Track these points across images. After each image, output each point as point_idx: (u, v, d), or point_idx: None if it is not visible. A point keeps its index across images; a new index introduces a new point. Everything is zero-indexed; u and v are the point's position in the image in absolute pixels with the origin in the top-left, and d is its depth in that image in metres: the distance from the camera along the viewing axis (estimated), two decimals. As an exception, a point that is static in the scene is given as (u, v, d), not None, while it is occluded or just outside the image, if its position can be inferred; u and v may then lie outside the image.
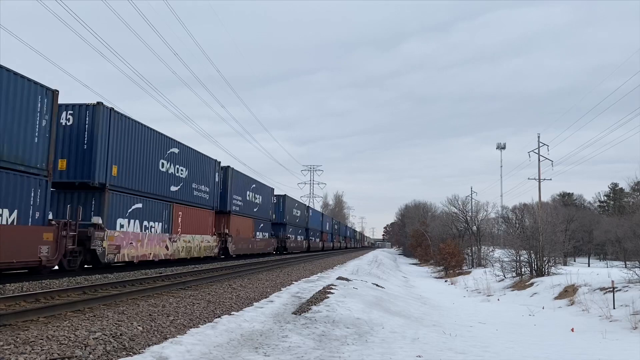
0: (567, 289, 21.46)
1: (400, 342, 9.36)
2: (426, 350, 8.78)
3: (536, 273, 28.86)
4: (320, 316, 10.65)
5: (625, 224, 36.01)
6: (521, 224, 38.88)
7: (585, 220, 70.29)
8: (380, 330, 10.31)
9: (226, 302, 11.54)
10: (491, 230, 60.74)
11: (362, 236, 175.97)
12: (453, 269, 43.38)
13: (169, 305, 10.16)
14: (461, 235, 53.12)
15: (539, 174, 42.93)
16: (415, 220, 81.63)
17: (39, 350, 5.93)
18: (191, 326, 8.57)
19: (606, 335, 13.22)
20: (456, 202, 57.85)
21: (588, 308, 17.67)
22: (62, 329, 7.12)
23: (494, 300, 23.85)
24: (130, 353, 6.44)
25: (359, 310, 11.96)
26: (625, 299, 17.18)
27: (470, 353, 9.37)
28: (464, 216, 55.66)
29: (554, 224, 31.67)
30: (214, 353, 6.95)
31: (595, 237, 67.98)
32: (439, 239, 53.96)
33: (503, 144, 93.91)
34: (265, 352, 7.28)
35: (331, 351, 7.83)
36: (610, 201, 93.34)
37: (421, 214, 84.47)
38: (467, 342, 10.84)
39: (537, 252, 29.62)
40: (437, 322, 14.37)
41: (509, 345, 11.23)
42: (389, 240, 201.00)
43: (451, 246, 44.36)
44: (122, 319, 8.27)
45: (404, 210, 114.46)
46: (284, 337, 8.42)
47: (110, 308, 9.45)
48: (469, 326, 14.28)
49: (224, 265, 23.27)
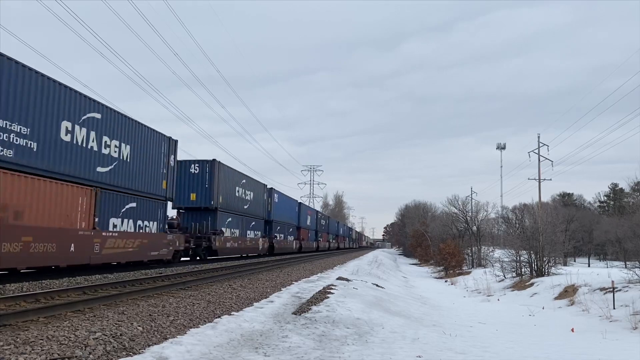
0: (567, 289, 21.47)
1: (400, 342, 9.36)
2: (426, 351, 8.78)
3: (536, 273, 28.86)
4: (320, 316, 10.64)
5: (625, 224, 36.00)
6: (521, 224, 38.89)
7: (585, 221, 70.29)
8: (380, 330, 10.30)
9: (226, 302, 11.54)
10: (491, 230, 60.74)
11: (360, 235, 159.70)
12: (453, 269, 43.39)
13: (169, 306, 10.16)
14: (461, 236, 53.13)
15: (539, 174, 42.99)
16: (415, 221, 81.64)
17: (39, 351, 5.93)
18: (191, 326, 8.57)
19: (606, 336, 13.22)
20: (456, 202, 57.93)
21: (588, 308, 17.67)
22: (62, 329, 7.12)
23: (494, 300, 23.85)
24: (130, 353, 6.44)
25: (359, 311, 11.96)
26: (625, 299, 17.19)
27: (470, 353, 9.37)
28: (464, 216, 55.68)
29: (554, 224, 31.67)
30: (214, 353, 6.95)
31: (595, 237, 67.99)
32: (439, 239, 53.98)
33: (503, 144, 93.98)
34: (265, 352, 7.28)
35: (331, 351, 7.83)
36: (610, 201, 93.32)
37: (421, 214, 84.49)
38: (467, 342, 10.84)
39: (537, 252, 29.63)
40: (437, 322, 14.37)
41: (509, 346, 11.23)
42: (389, 241, 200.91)
43: (451, 246, 44.37)
44: (122, 319, 8.27)
45: (404, 210, 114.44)
46: (284, 337, 8.42)
47: (110, 308, 9.45)
48: (469, 326, 14.28)
49: (224, 265, 23.27)
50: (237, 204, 30.83)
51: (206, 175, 26.64)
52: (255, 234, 34.98)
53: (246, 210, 32.67)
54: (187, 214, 27.14)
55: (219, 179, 27.44)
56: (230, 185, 29.48)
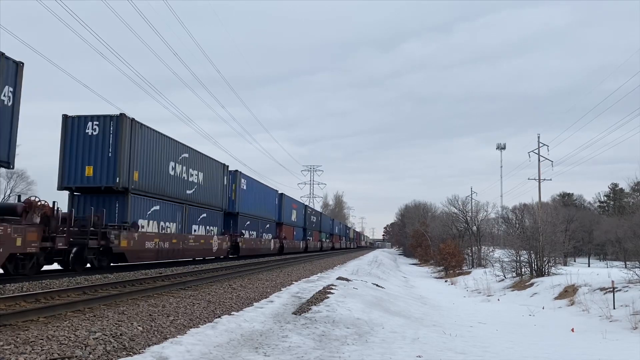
0: (567, 289, 21.46)
1: (400, 342, 9.36)
2: (426, 351, 8.78)
3: (536, 273, 28.86)
4: (320, 316, 10.64)
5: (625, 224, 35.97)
6: (521, 224, 38.84)
7: (585, 221, 70.31)
8: (380, 330, 10.30)
9: (226, 302, 11.54)
10: (491, 230, 60.77)
11: (359, 235, 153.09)
12: (453, 269, 43.38)
13: (169, 306, 10.16)
14: (461, 236, 53.12)
15: (539, 174, 43.01)
16: (415, 221, 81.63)
17: (39, 350, 5.92)
18: (191, 326, 8.57)
19: (606, 336, 13.21)
20: (456, 202, 57.93)
21: (588, 308, 17.67)
22: (62, 329, 7.12)
23: (494, 300, 23.85)
24: (130, 353, 6.44)
25: (359, 310, 11.96)
26: (626, 299, 17.18)
27: (470, 353, 9.37)
28: (464, 216, 55.69)
29: (554, 224, 31.66)
30: (214, 353, 6.95)
31: (595, 238, 67.98)
32: (439, 239, 53.98)
33: (503, 144, 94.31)
34: (265, 352, 7.28)
35: (331, 351, 7.83)
36: (610, 201, 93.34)
37: (421, 214, 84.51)
38: (467, 342, 10.84)
39: (537, 252, 29.62)
40: (437, 322, 14.37)
41: (509, 346, 11.23)
42: (389, 241, 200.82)
43: (451, 246, 44.37)
44: (122, 319, 8.27)
45: (404, 210, 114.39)
46: (284, 337, 8.42)
47: (110, 308, 9.45)
48: (469, 326, 14.28)
49: (224, 265, 23.27)
50: (172, 186, 22.03)
51: (110, 139, 18.07)
52: (208, 230, 26.26)
53: (190, 197, 23.81)
54: (84, 198, 18.75)
55: (132, 145, 18.69)
56: (157, 158, 20.65)
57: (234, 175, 30.73)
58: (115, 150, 18.10)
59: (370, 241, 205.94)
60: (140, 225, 19.31)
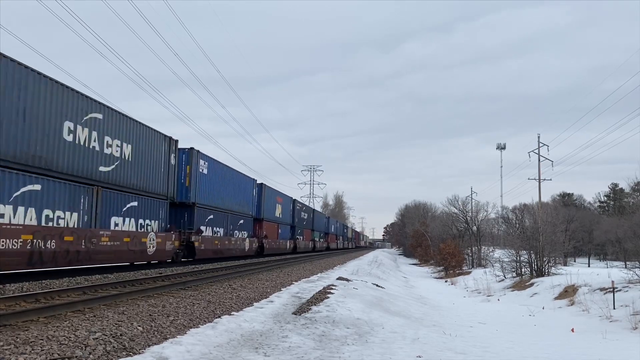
0: (567, 289, 21.46)
1: (400, 342, 9.36)
2: (426, 351, 8.78)
3: (536, 273, 28.85)
4: (321, 316, 10.64)
5: (625, 224, 35.96)
6: (521, 224, 38.84)
7: (585, 221, 70.29)
8: (380, 330, 10.30)
9: (226, 302, 11.54)
10: (491, 230, 60.78)
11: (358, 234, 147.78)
12: (453, 269, 43.37)
13: (169, 306, 10.16)
14: (461, 236, 53.12)
15: (539, 174, 43.04)
16: (415, 221, 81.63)
17: (39, 351, 5.92)
18: (191, 326, 8.57)
19: (606, 336, 13.21)
20: (456, 203, 57.93)
21: (588, 308, 17.67)
22: (62, 329, 7.12)
23: (494, 300, 23.84)
24: (130, 353, 6.44)
25: (359, 311, 11.96)
26: (626, 299, 17.18)
27: (470, 353, 9.37)
28: (464, 216, 55.69)
29: (554, 224, 31.66)
30: (214, 353, 6.94)
31: (596, 238, 67.97)
32: (439, 239, 53.97)
33: (503, 144, 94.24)
34: (265, 352, 7.27)
35: (331, 351, 7.83)
36: (610, 201, 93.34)
37: (421, 214, 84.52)
38: (467, 343, 10.84)
39: (537, 252, 29.61)
40: (437, 322, 14.36)
41: (509, 346, 11.23)
42: (389, 241, 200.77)
43: (451, 246, 44.36)
44: (122, 319, 8.27)
45: (404, 210, 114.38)
46: (284, 337, 8.42)
47: (110, 308, 9.45)
48: (469, 326, 14.28)
49: (224, 265, 23.26)
50: (71, 158, 14.88)
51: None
52: (144, 225, 19.31)
53: (107, 177, 16.78)
54: None
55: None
56: (44, 115, 13.66)
57: (188, 154, 23.24)
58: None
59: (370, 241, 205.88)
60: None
